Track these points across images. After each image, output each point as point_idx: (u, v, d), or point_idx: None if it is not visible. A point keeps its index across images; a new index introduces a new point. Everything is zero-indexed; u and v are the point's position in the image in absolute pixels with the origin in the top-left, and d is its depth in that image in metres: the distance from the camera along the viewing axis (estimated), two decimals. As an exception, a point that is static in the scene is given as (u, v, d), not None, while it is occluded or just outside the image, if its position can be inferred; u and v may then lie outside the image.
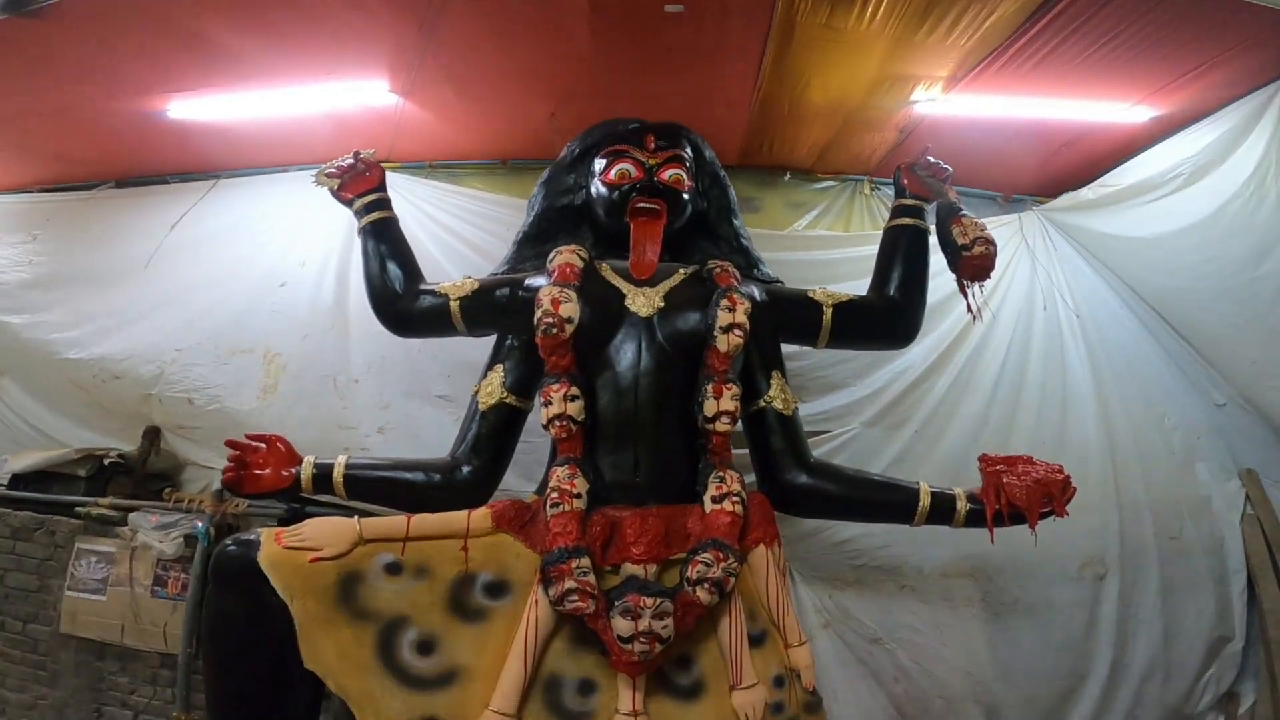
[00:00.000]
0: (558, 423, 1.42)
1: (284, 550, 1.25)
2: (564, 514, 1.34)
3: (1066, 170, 2.45)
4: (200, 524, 2.05)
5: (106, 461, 2.34)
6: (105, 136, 2.38)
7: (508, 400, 1.55)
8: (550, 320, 1.44)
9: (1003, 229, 2.36)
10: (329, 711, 1.85)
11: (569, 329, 1.45)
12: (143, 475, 2.33)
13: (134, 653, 2.27)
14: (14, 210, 2.68)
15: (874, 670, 2.19)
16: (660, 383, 1.49)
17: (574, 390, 1.43)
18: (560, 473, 1.39)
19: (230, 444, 1.49)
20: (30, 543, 2.44)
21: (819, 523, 2.12)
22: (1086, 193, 2.38)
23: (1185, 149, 2.09)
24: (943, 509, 1.53)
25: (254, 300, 2.36)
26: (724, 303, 1.50)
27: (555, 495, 1.36)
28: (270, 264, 2.38)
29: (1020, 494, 1.47)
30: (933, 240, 1.75)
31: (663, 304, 1.54)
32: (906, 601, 2.22)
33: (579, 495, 1.37)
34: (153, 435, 2.36)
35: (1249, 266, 2.05)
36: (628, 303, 1.54)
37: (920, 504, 1.53)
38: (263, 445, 1.49)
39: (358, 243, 1.80)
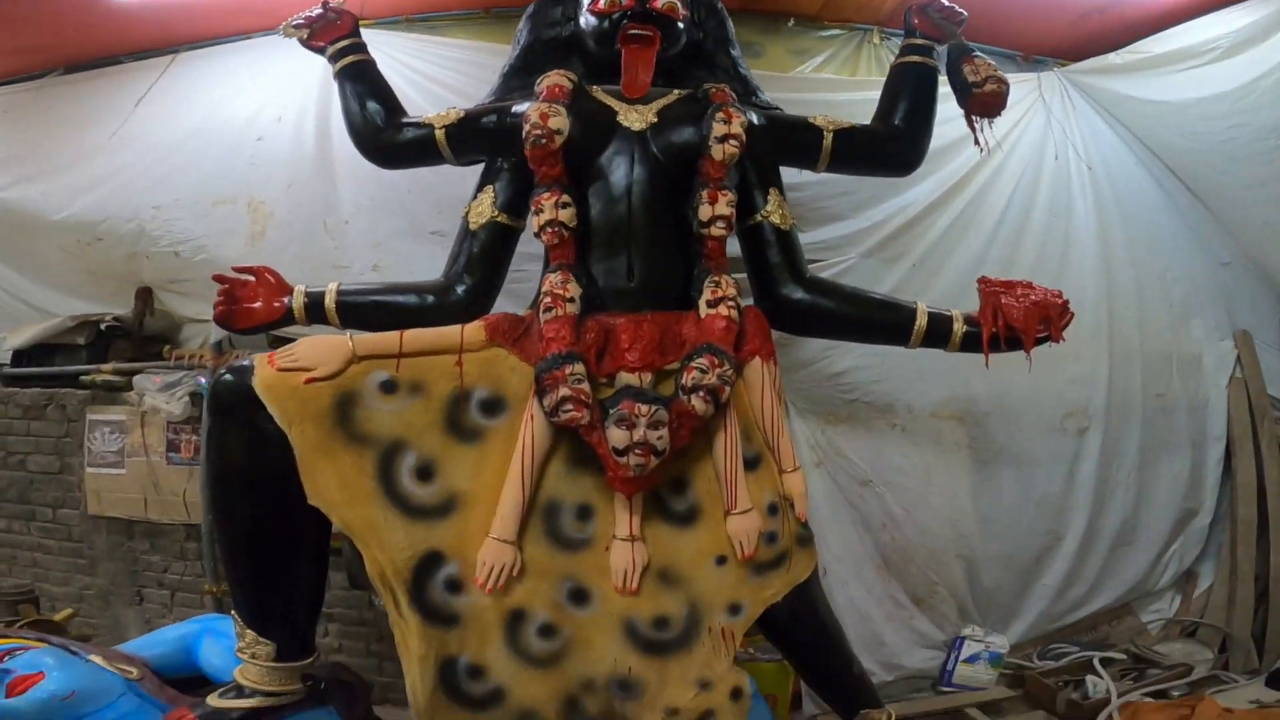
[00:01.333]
0: (549, 229, 1.40)
1: (278, 373, 1.24)
2: (558, 319, 1.34)
3: (1093, 36, 2.34)
4: (203, 379, 2.06)
5: (103, 326, 2.33)
6: (48, 25, 2.25)
7: (499, 219, 1.54)
8: (539, 131, 1.40)
9: (1020, 85, 2.28)
10: (340, 568, 1.95)
11: (558, 140, 1.41)
12: (141, 337, 2.34)
13: (160, 528, 2.35)
14: None
15: (863, 515, 2.27)
16: (654, 190, 1.46)
17: (565, 198, 1.41)
18: (553, 278, 1.38)
19: (218, 278, 1.49)
20: (44, 420, 2.49)
21: (814, 353, 2.15)
22: (1114, 58, 2.31)
23: (1226, 24, 2.05)
24: (939, 330, 1.54)
25: (231, 154, 2.29)
26: (719, 115, 1.46)
27: (548, 300, 1.35)
28: (244, 122, 2.29)
29: (1018, 315, 1.47)
30: (943, 89, 1.67)
31: (656, 119, 1.50)
32: (897, 442, 2.28)
33: (572, 300, 1.36)
34: (145, 295, 2.35)
35: (1272, 136, 2.07)
36: (619, 118, 1.50)
37: (917, 324, 1.54)
38: (251, 278, 1.49)
39: (336, 90, 1.73)
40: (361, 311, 1.49)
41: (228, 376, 1.25)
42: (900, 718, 1.57)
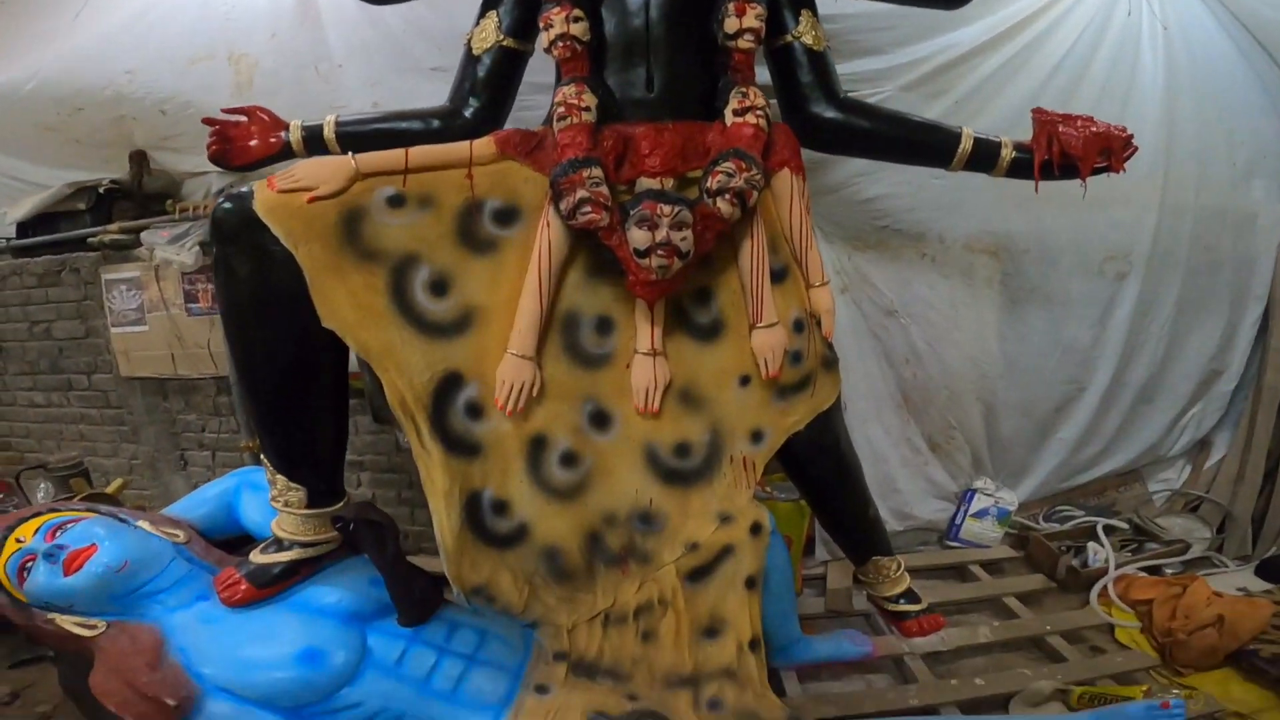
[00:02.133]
0: (560, 43, 1.29)
1: (279, 195, 1.18)
2: (573, 126, 1.26)
3: None
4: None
5: (102, 190, 2.29)
6: None
7: (505, 43, 1.42)
8: None
9: None
10: (360, 412, 1.95)
11: None
12: (142, 197, 2.29)
13: (191, 384, 2.40)
14: None
15: (886, 348, 2.25)
16: (673, 3, 1.33)
17: (576, 12, 1.29)
18: (566, 90, 1.28)
19: (207, 121, 1.41)
20: (60, 286, 2.50)
21: (844, 178, 2.05)
22: None
23: None
24: (986, 153, 1.45)
25: (203, 12, 2.15)
26: None
27: (562, 109, 1.26)
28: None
29: (1076, 143, 1.38)
30: None
31: None
32: (926, 273, 2.22)
33: (588, 109, 1.27)
34: (139, 158, 2.28)
35: None
36: None
37: (961, 146, 1.44)
38: (243, 118, 1.41)
39: None
40: (365, 140, 1.40)
41: (227, 204, 1.19)
42: (906, 569, 1.61)
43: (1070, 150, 1.39)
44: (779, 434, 1.40)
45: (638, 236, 1.21)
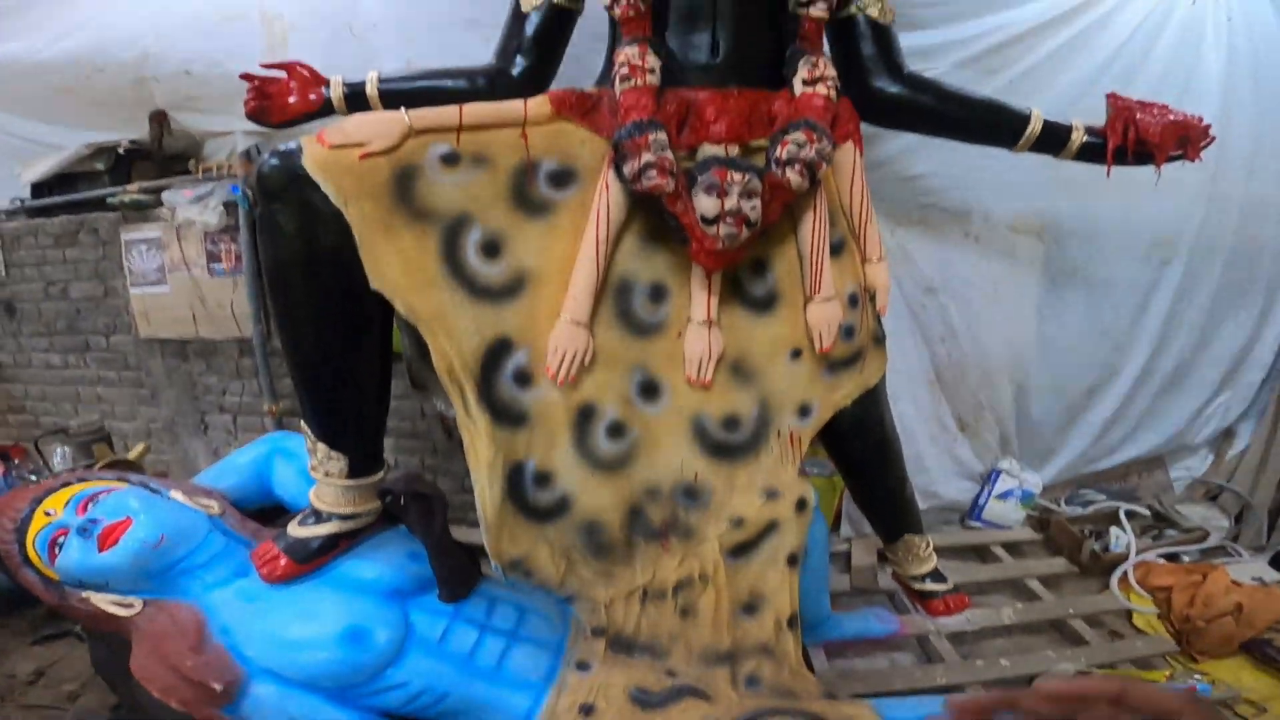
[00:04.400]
0: (623, 2, 1.23)
1: (329, 150, 1.13)
2: (636, 89, 1.20)
3: None
4: (235, 187, 1.97)
5: (121, 150, 2.23)
6: None
7: (555, 0, 1.35)
8: None
9: None
10: (399, 375, 1.92)
11: None
12: (163, 158, 2.23)
13: (212, 346, 2.35)
14: None
15: (923, 326, 2.24)
16: None
17: None
18: (628, 51, 1.22)
19: (245, 76, 1.35)
20: (78, 246, 2.45)
21: (891, 153, 2.01)
22: None
23: None
24: (1054, 137, 1.40)
25: None
26: None
27: (625, 70, 1.21)
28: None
29: (1154, 130, 1.34)
30: None
31: None
32: (968, 253, 2.20)
33: (652, 70, 1.21)
34: (160, 118, 2.20)
35: None
36: None
37: (1030, 127, 1.39)
38: (282, 74, 1.36)
39: None
40: (408, 98, 1.34)
41: (274, 160, 1.14)
42: (930, 548, 1.60)
43: (1147, 137, 1.35)
44: (826, 409, 1.38)
45: (706, 204, 1.17)
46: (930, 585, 1.59)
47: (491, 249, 1.22)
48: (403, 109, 1.18)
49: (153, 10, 2.11)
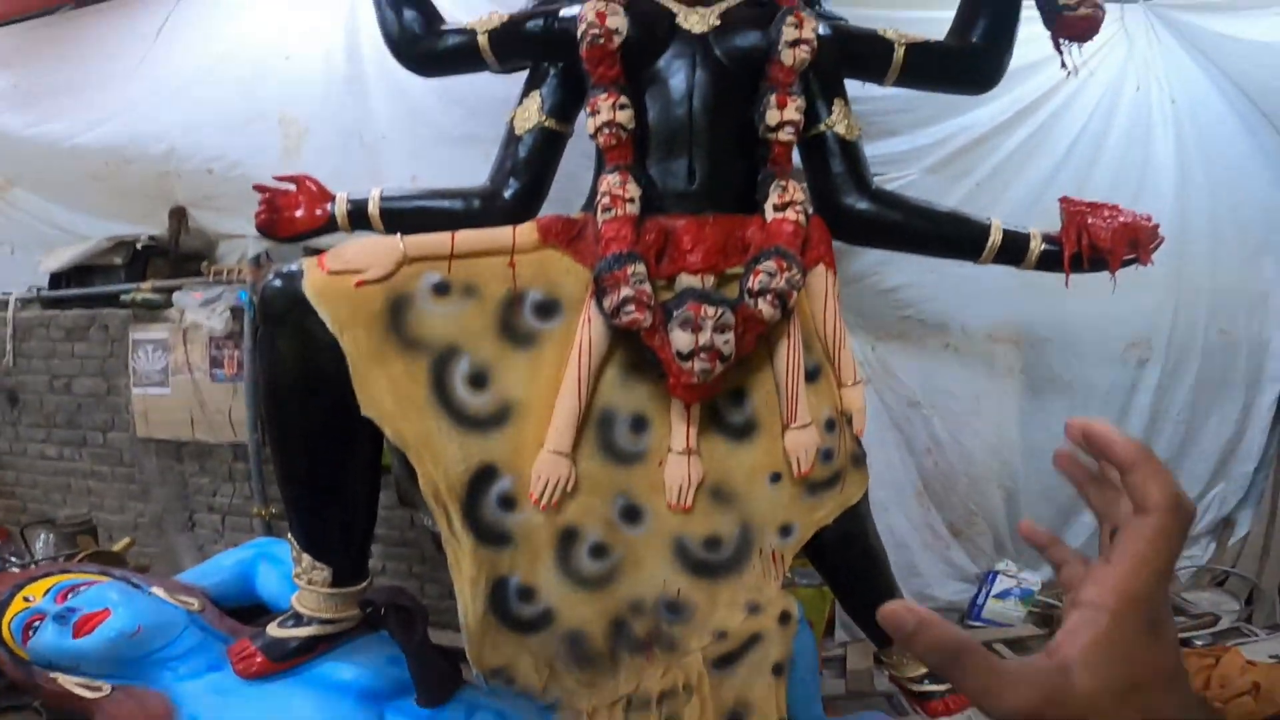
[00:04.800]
0: (606, 130, 1.33)
1: (328, 276, 1.20)
2: (617, 219, 1.28)
3: None
4: (244, 293, 2.05)
5: (139, 246, 2.34)
6: None
7: (546, 124, 1.47)
8: (596, 30, 1.31)
9: None
10: (388, 486, 1.97)
11: (616, 39, 1.32)
12: (178, 256, 2.34)
13: (208, 449, 2.39)
14: None
15: (908, 438, 2.25)
16: (717, 93, 1.37)
17: (623, 100, 1.33)
18: (610, 179, 1.31)
19: (259, 188, 1.45)
20: (87, 341, 2.52)
21: (867, 267, 2.09)
22: None
23: None
24: (1015, 247, 1.47)
25: (260, 74, 2.23)
26: (790, 19, 1.35)
27: (606, 200, 1.29)
28: (270, 41, 2.23)
29: (1105, 235, 1.39)
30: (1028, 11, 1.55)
31: (718, 22, 1.40)
32: (948, 364, 2.24)
33: (632, 200, 1.30)
34: (179, 215, 2.33)
35: None
36: (679, 20, 1.40)
37: (991, 239, 1.46)
38: (292, 186, 1.45)
39: (364, 4, 1.67)
40: (407, 217, 1.45)
41: (277, 282, 1.21)
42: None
43: (1099, 243, 1.40)
44: (808, 528, 1.39)
45: (681, 339, 1.22)
46: (929, 686, 1.54)
47: (479, 380, 1.27)
48: (398, 236, 1.26)
49: (183, 104, 2.27)
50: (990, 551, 2.37)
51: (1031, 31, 1.58)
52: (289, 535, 1.36)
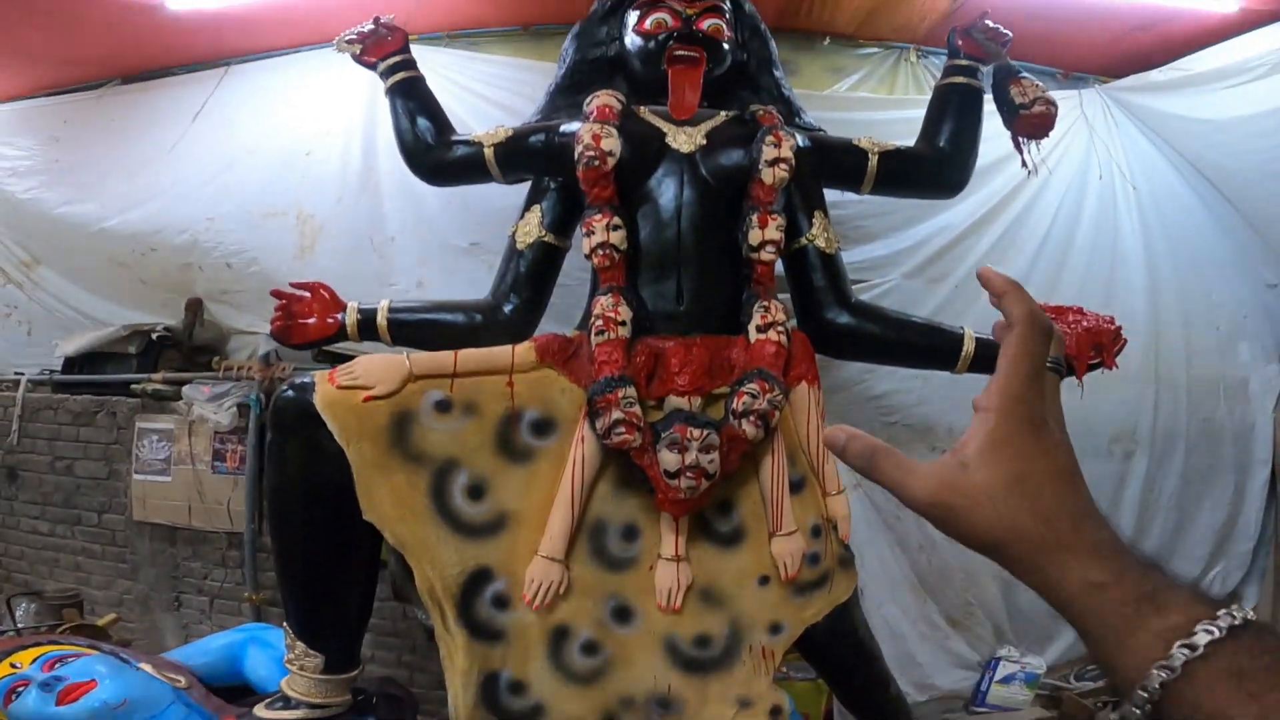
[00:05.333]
0: (600, 251, 1.41)
1: (338, 391, 1.27)
2: (609, 342, 1.35)
3: (1134, 53, 2.33)
4: (251, 393, 2.12)
5: (154, 336, 2.40)
6: (106, 35, 2.33)
7: (546, 239, 1.56)
8: (592, 153, 1.41)
9: (1062, 103, 2.22)
10: (384, 580, 1.98)
11: (610, 161, 1.42)
12: (190, 348, 2.40)
13: (202, 535, 2.40)
14: (30, 115, 2.68)
15: (900, 537, 2.25)
16: (703, 213, 1.46)
17: (616, 220, 1.42)
18: (604, 301, 1.38)
19: (275, 293, 1.53)
20: (93, 427, 2.56)
21: (854, 375, 2.14)
22: (1157, 75, 2.28)
23: (1269, 42, 2.02)
24: (987, 356, 1.53)
25: (282, 168, 2.35)
26: (769, 138, 1.46)
27: (600, 323, 1.36)
28: (294, 136, 2.36)
29: (1070, 343, 1.44)
30: (988, 107, 1.67)
31: (704, 141, 1.51)
32: None
33: (624, 323, 1.37)
34: (195, 307, 2.40)
35: None
36: (668, 140, 1.51)
37: (964, 350, 1.52)
38: (307, 294, 1.53)
39: (382, 107, 1.78)
40: (412, 329, 1.52)
41: (290, 393, 1.28)
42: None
43: (1065, 349, 1.46)
44: (797, 626, 1.41)
45: (668, 459, 1.28)
46: None
47: (477, 492, 1.33)
48: (406, 354, 1.34)
49: (209, 193, 2.37)
50: (990, 640, 2.34)
51: (997, 127, 1.69)
52: (285, 624, 1.38)
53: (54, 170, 2.58)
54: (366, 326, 1.52)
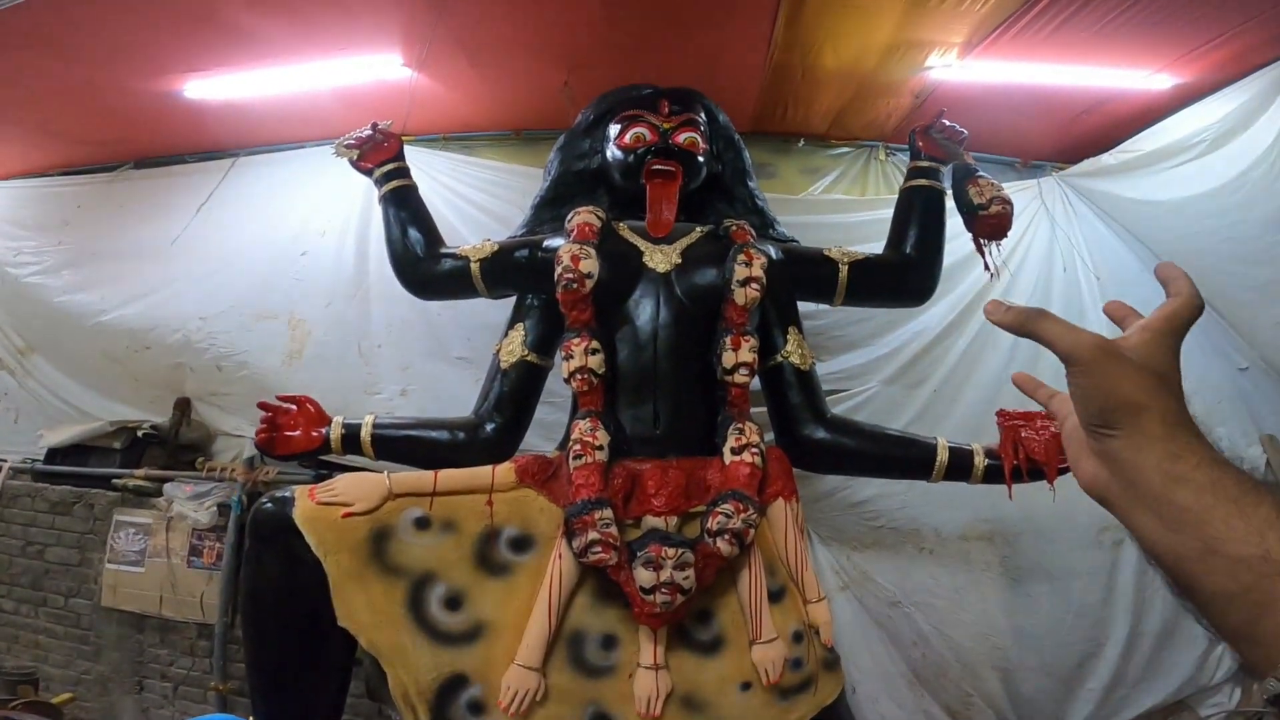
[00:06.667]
0: (579, 376, 1.44)
1: (317, 506, 1.28)
2: (587, 466, 1.36)
3: (1086, 136, 2.41)
4: (234, 495, 2.11)
5: (140, 433, 2.41)
6: (124, 118, 2.42)
7: (528, 358, 1.58)
8: (570, 276, 1.45)
9: (1021, 194, 2.33)
10: (358, 677, 1.93)
11: (589, 284, 1.47)
12: (175, 446, 2.40)
13: (172, 624, 2.36)
14: (46, 196, 2.76)
15: (892, 634, 2.21)
16: (679, 336, 1.50)
17: (594, 344, 1.45)
18: (582, 425, 1.40)
19: (263, 405, 1.54)
20: (69, 516, 2.53)
21: (837, 483, 2.14)
22: (1108, 158, 2.34)
23: (1207, 116, 2.07)
24: (961, 465, 1.53)
25: (277, 269, 2.40)
26: (741, 257, 1.51)
27: (578, 447, 1.38)
28: (291, 234, 2.42)
29: (1039, 448, 1.44)
30: (949, 204, 1.74)
31: (680, 260, 1.55)
32: (925, 564, 2.24)
33: (601, 447, 1.39)
34: (183, 406, 2.42)
35: (1271, 230, 2.02)
36: (645, 259, 1.56)
37: (938, 459, 1.53)
38: (293, 406, 1.55)
39: (376, 212, 1.84)
40: (395, 445, 1.53)
41: (269, 506, 1.30)
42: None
43: (1034, 455, 1.43)
44: None
45: (644, 576, 1.29)
46: None
47: (454, 603, 1.32)
48: (386, 474, 1.35)
49: (204, 291, 2.40)
50: (992, 727, 2.27)
51: (961, 226, 1.72)
52: (250, 717, 1.36)
53: (57, 254, 2.62)
54: (350, 442, 1.52)
